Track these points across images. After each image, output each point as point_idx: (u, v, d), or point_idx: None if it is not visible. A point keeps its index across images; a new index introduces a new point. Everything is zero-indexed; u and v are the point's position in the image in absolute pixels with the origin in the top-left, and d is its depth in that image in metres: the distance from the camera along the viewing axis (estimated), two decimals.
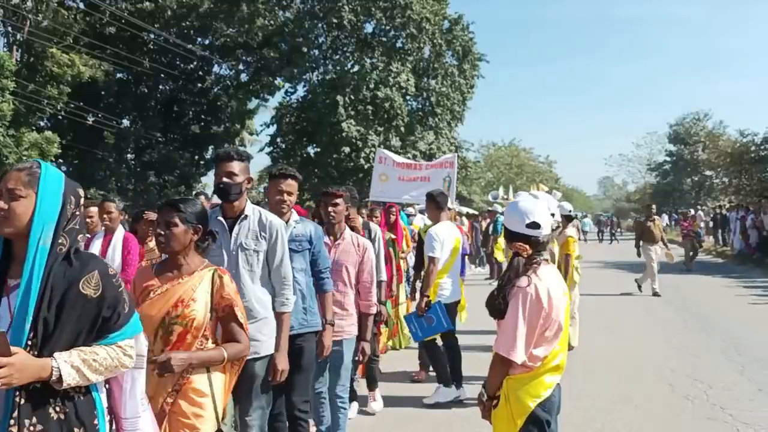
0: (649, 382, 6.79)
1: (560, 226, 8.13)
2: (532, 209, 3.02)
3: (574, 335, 8.19)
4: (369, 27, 31.33)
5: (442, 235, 6.12)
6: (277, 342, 3.69)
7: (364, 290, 4.82)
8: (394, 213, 8.14)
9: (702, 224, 25.93)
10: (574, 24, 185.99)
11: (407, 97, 30.71)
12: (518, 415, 2.89)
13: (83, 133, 28.70)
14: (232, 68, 34.02)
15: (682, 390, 6.43)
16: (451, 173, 10.51)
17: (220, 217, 3.71)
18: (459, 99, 32.58)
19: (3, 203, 2.09)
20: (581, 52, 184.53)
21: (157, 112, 32.72)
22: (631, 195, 71.54)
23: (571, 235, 8.26)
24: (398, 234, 7.93)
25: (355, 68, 30.63)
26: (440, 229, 6.20)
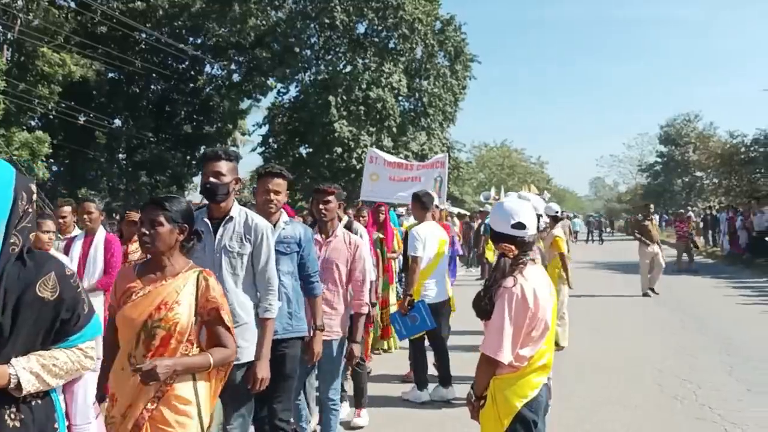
0: (639, 382, 6.81)
1: (547, 227, 8.18)
2: (518, 209, 3.02)
3: (563, 335, 8.21)
4: (361, 27, 31.36)
5: (424, 235, 6.12)
6: (259, 349, 3.55)
7: (356, 289, 4.70)
8: (383, 212, 8.12)
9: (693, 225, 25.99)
10: (568, 25, 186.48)
11: (399, 98, 30.72)
12: (505, 415, 2.89)
13: (74, 132, 28.60)
14: (224, 68, 34.00)
15: (671, 390, 6.46)
16: (443, 173, 10.50)
17: (206, 218, 3.60)
18: (451, 100, 32.61)
19: None
20: (574, 53, 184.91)
21: (148, 111, 32.65)
22: (622, 196, 71.94)
23: (558, 235, 8.28)
24: (388, 234, 7.91)
25: (348, 68, 30.63)
26: (423, 228, 6.21)
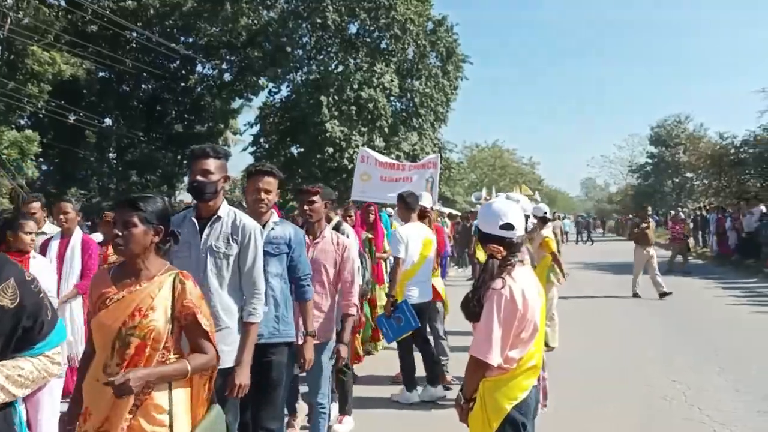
0: (628, 382, 6.82)
1: (536, 228, 8.20)
2: (506, 211, 3.00)
3: (553, 336, 8.22)
4: (353, 27, 31.31)
5: (407, 236, 6.11)
6: (240, 354, 3.39)
7: (344, 289, 4.64)
8: (373, 212, 8.10)
9: None
10: (559, 26, 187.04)
11: (391, 98, 30.69)
12: (494, 418, 2.87)
13: (64, 131, 28.46)
14: (216, 67, 33.89)
15: (661, 391, 6.47)
16: (434, 174, 10.49)
17: (193, 218, 3.50)
18: (443, 100, 32.62)
19: None
20: (566, 54, 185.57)
21: (139, 111, 32.53)
22: (612, 196, 72.25)
23: (548, 236, 8.30)
24: (378, 234, 7.89)
25: (339, 68, 30.55)
26: (406, 229, 6.20)
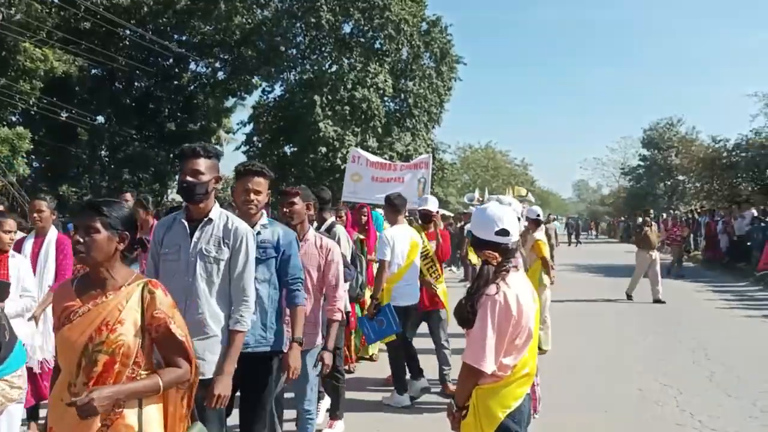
0: (620, 387, 6.80)
1: (529, 230, 8.19)
2: (501, 216, 2.92)
3: (546, 340, 8.21)
4: (347, 27, 31.30)
5: (393, 238, 6.07)
6: (221, 363, 3.24)
7: (329, 294, 4.47)
8: (365, 213, 8.04)
9: None
10: (552, 27, 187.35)
11: (385, 98, 30.68)
12: (487, 426, 2.82)
13: (56, 129, 28.30)
14: (209, 66, 33.77)
15: (652, 395, 6.46)
16: (426, 174, 10.40)
17: (183, 220, 3.38)
18: (436, 101, 32.64)
19: None
20: (559, 56, 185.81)
21: (132, 108, 32.35)
22: (605, 198, 72.48)
23: (540, 239, 8.28)
24: (370, 235, 7.85)
25: (333, 68, 30.53)
26: (393, 232, 6.16)
